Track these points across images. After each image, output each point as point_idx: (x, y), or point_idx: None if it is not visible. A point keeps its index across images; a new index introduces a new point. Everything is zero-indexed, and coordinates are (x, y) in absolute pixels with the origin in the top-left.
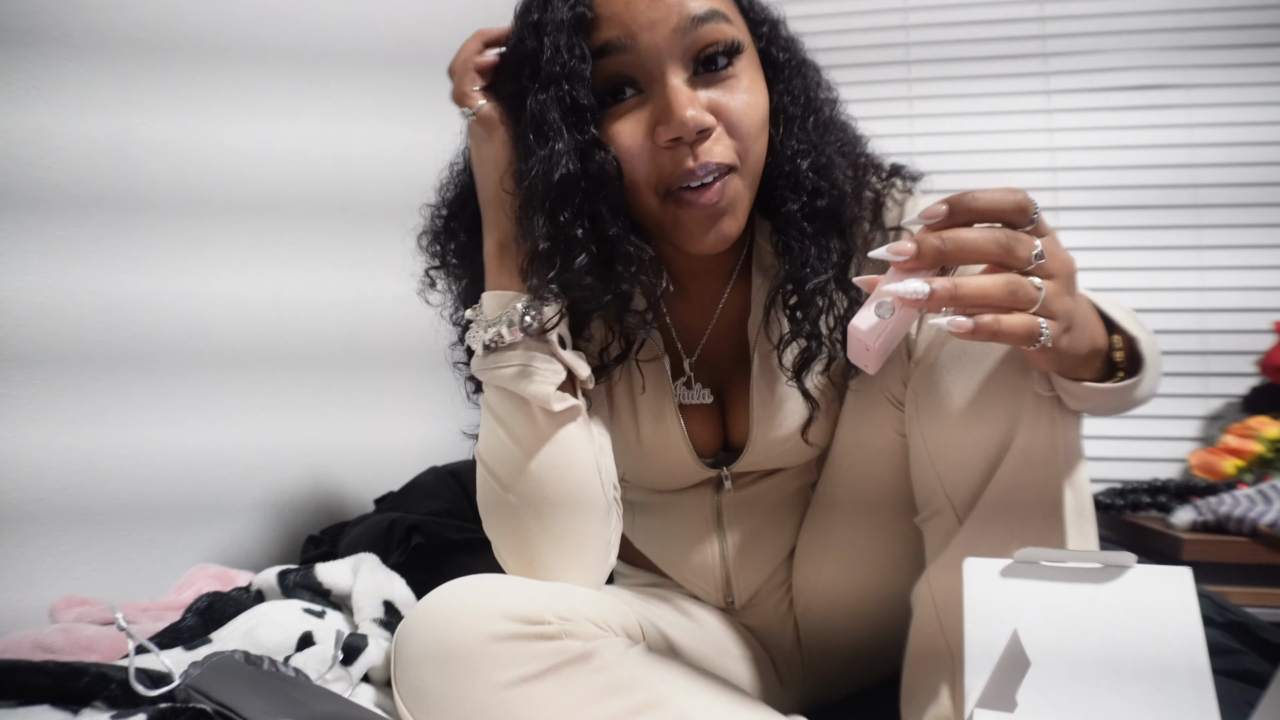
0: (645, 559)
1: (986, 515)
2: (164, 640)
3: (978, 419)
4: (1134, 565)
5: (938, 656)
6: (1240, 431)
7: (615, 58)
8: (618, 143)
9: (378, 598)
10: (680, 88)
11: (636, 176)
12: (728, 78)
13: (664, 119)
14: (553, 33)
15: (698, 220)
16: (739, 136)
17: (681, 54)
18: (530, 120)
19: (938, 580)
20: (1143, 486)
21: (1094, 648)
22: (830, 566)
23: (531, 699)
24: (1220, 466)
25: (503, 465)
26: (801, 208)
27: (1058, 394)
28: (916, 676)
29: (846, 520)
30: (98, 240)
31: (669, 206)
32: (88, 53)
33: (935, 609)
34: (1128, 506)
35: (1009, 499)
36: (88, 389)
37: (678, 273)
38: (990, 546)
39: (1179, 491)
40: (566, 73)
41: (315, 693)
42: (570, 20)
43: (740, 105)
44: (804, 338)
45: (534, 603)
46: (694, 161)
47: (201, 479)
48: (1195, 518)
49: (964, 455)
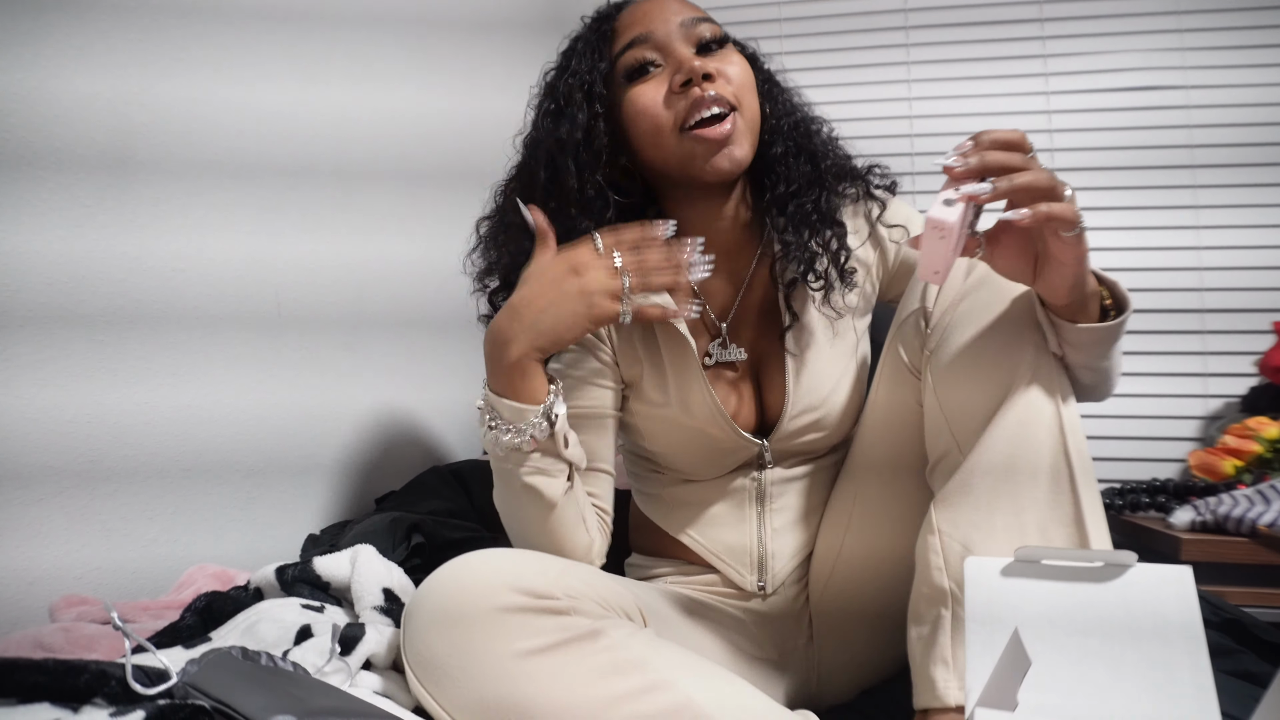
0: (674, 548)
1: (990, 453)
2: (163, 639)
3: (983, 364)
4: (1135, 564)
5: (938, 595)
6: (1239, 432)
7: (639, 48)
8: (642, 100)
9: (377, 586)
10: (687, 49)
11: (658, 120)
12: (722, 53)
13: (678, 69)
14: (587, 49)
15: (711, 149)
16: (735, 85)
17: (686, 38)
18: (564, 98)
19: (942, 512)
20: (1142, 486)
21: (1095, 647)
22: (853, 535)
23: (540, 671)
24: (1219, 467)
25: (512, 518)
26: (793, 193)
27: (1062, 351)
28: (920, 621)
29: (870, 491)
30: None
31: (685, 142)
32: (94, 12)
33: (940, 544)
34: (1127, 506)
35: (1012, 438)
36: (88, 388)
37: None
38: (994, 481)
39: (1178, 492)
40: (596, 76)
41: (313, 686)
42: (596, 39)
43: (734, 67)
44: (817, 259)
45: (542, 578)
46: (701, 92)
47: (202, 479)
48: (1194, 518)
49: (969, 396)
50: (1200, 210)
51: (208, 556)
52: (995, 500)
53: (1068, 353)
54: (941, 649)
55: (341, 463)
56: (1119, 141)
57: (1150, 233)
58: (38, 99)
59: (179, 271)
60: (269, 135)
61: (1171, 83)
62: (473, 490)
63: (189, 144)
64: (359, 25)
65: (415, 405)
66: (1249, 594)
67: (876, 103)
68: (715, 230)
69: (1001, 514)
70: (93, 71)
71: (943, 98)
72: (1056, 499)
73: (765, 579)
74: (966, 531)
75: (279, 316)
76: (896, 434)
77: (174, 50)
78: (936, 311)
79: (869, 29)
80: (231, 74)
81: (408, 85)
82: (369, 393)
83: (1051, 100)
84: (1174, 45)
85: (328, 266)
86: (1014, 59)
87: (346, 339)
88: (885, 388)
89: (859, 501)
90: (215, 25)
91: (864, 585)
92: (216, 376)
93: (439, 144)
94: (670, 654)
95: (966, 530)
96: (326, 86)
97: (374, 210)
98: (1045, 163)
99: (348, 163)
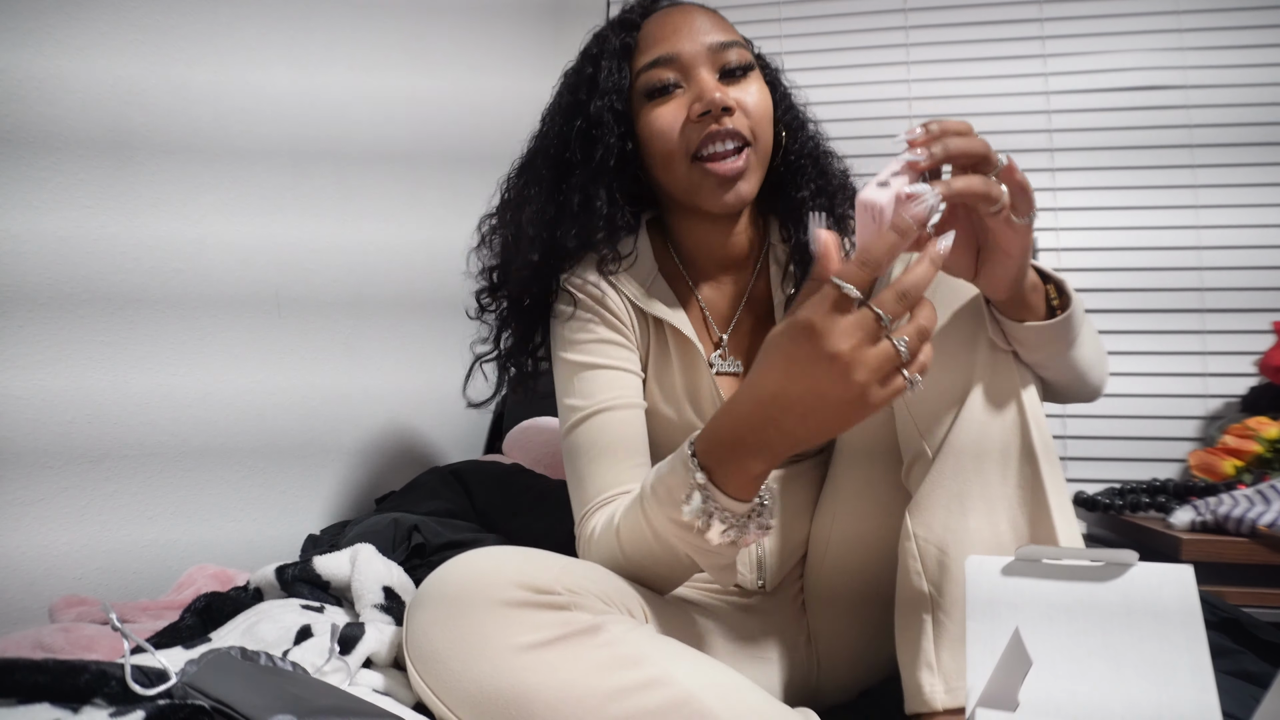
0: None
1: (957, 453)
2: (163, 640)
3: (941, 363)
4: (1136, 563)
5: (918, 600)
6: (1239, 432)
7: (662, 69)
8: (660, 122)
9: (377, 584)
10: (710, 77)
11: (671, 146)
12: (745, 82)
13: (698, 97)
14: (607, 59)
15: (719, 182)
16: (753, 120)
17: (711, 63)
18: (586, 120)
19: (916, 516)
20: (1142, 486)
21: (1096, 646)
22: (839, 524)
23: (540, 665)
24: (1219, 467)
25: (654, 567)
26: (811, 194)
27: (1013, 348)
28: (904, 625)
29: (851, 478)
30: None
31: (695, 172)
32: (94, 6)
33: (916, 549)
34: (1127, 506)
35: (976, 435)
36: (89, 389)
37: (705, 264)
38: (962, 481)
39: (1178, 492)
40: (616, 89)
41: (313, 686)
42: (619, 49)
43: (754, 98)
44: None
45: (544, 573)
46: (718, 126)
47: (202, 479)
48: (1194, 518)
49: (932, 396)
50: (1199, 190)
51: (207, 556)
52: (966, 501)
53: (1020, 351)
54: (926, 654)
55: (341, 463)
56: (1118, 122)
57: (1150, 213)
58: (38, 90)
59: (179, 272)
60: (269, 126)
61: (1170, 64)
62: (473, 490)
63: (189, 135)
64: (359, 15)
65: (416, 406)
66: (1249, 594)
67: (875, 84)
68: (722, 246)
69: (974, 515)
70: (93, 63)
71: (941, 79)
72: (1024, 495)
73: (764, 577)
74: (941, 535)
75: (279, 313)
76: (876, 432)
77: (175, 41)
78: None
79: (868, 10)
80: (233, 65)
81: (408, 74)
82: (369, 393)
83: (1050, 81)
84: (1172, 27)
85: (327, 265)
86: (1012, 40)
87: (347, 338)
88: None
89: (842, 490)
90: (215, 16)
91: (853, 574)
92: (216, 374)
93: (440, 133)
94: (671, 649)
95: (941, 534)
96: (327, 75)
97: (374, 201)
98: (1044, 145)
99: (348, 153)
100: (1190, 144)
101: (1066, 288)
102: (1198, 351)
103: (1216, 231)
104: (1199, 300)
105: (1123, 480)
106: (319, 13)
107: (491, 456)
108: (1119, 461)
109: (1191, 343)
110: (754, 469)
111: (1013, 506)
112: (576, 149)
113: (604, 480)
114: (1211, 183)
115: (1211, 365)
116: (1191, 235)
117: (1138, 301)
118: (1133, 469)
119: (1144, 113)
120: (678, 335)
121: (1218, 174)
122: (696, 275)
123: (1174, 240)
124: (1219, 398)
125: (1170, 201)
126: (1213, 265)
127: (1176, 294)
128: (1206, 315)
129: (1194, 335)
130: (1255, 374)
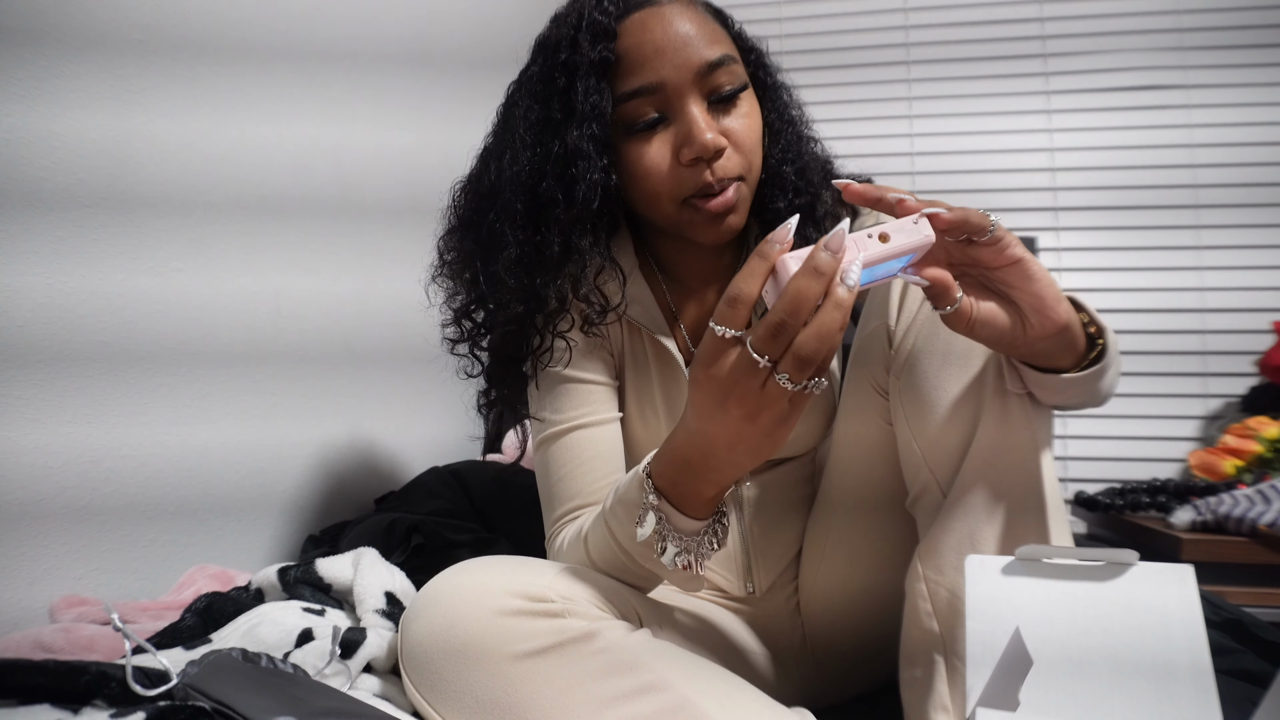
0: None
1: (967, 489)
2: (163, 640)
3: (951, 397)
4: (1136, 563)
5: (930, 641)
6: (1240, 431)
7: (646, 100)
8: (644, 162)
9: (379, 589)
10: (700, 116)
11: (660, 189)
12: (735, 106)
13: (688, 141)
14: (584, 76)
15: (710, 219)
16: (745, 153)
17: (699, 90)
18: (564, 148)
19: (926, 559)
20: (1142, 486)
21: (1096, 646)
22: (830, 560)
23: (535, 673)
24: (1220, 466)
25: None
26: (788, 205)
27: (1029, 390)
28: (912, 664)
29: (845, 516)
30: (98, 240)
31: (685, 211)
32: (88, 52)
33: (926, 590)
34: (1127, 506)
35: (986, 472)
36: (89, 389)
37: (687, 278)
38: (974, 520)
39: (1179, 491)
40: (596, 114)
41: (313, 688)
42: (597, 63)
43: (745, 128)
44: None
45: (537, 581)
46: (712, 176)
47: (202, 479)
48: (1195, 518)
49: (943, 433)
50: (1203, 251)
51: (207, 557)
52: (978, 545)
53: (1041, 396)
54: (940, 696)
55: (341, 463)
56: (1122, 181)
57: (1153, 256)
58: (35, 135)
59: (179, 271)
60: (253, 172)
61: (1175, 122)
62: (473, 490)
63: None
64: (355, 60)
65: (416, 406)
66: (1249, 594)
67: (878, 139)
68: (706, 265)
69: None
70: (89, 109)
71: (944, 134)
72: (1029, 533)
73: (753, 583)
74: (953, 578)
75: (278, 317)
76: (869, 457)
77: (168, 87)
78: (899, 331)
79: (871, 64)
80: (226, 111)
81: (395, 121)
82: (370, 393)
83: (1055, 138)
84: (1177, 82)
85: (325, 291)
86: (1017, 95)
87: (346, 337)
88: (852, 408)
89: (834, 537)
90: (210, 62)
91: (848, 616)
92: (217, 373)
93: (423, 176)
94: (666, 654)
95: (953, 577)
96: (319, 121)
97: (370, 244)
98: (1049, 204)
99: (340, 195)
100: (1196, 204)
101: (1106, 334)
102: (1198, 351)
103: (1219, 294)
104: (1201, 364)
105: (1123, 480)
106: (313, 60)
107: (491, 456)
108: (1119, 461)
109: (1191, 342)
110: (706, 491)
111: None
112: (553, 183)
113: (573, 495)
114: (1216, 244)
115: (1212, 365)
116: (1195, 297)
117: (1142, 365)
118: (1133, 469)
119: (1149, 171)
120: (656, 345)
121: (1221, 235)
122: (676, 285)
123: (1178, 302)
124: (1219, 397)
125: (1174, 263)
126: (1216, 329)
127: (1180, 358)
128: (1210, 379)
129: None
130: (1255, 374)
